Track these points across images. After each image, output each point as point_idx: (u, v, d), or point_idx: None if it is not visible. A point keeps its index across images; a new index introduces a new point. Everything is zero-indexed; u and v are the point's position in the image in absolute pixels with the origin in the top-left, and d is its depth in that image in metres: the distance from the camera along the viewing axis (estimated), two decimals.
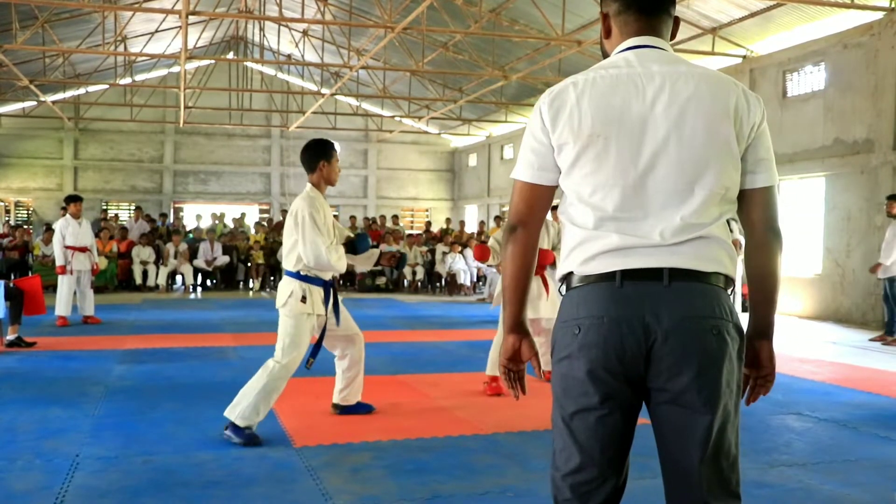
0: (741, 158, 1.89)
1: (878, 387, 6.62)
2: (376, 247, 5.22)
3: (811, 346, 9.25)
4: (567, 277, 1.93)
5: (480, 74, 17.43)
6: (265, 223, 20.19)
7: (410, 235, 19.43)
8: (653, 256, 1.82)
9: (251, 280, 16.90)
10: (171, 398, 5.70)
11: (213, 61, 22.47)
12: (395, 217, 21.25)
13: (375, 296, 16.09)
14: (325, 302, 4.79)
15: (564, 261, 1.93)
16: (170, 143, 25.57)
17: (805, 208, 13.34)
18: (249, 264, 16.87)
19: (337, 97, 22.75)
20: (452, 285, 16.80)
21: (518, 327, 1.97)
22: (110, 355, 7.61)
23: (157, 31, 18.80)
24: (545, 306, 6.33)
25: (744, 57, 14.17)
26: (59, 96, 22.34)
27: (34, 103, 21.55)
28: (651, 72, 1.87)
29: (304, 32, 19.52)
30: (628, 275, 1.81)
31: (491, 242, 6.49)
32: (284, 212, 22.13)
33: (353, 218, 21.17)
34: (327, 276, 4.80)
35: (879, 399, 6.14)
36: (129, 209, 23.87)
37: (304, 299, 4.67)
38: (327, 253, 4.58)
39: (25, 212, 24.50)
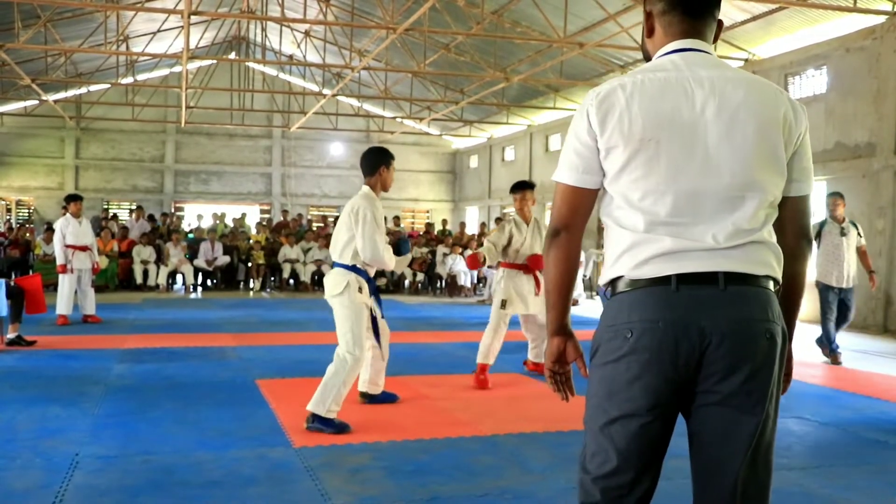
0: (787, 167, 1.91)
1: (878, 391, 6.61)
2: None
3: (812, 350, 9.24)
4: (614, 282, 1.90)
5: (482, 76, 17.44)
6: (266, 223, 20.20)
7: (412, 237, 19.43)
8: (707, 260, 1.81)
9: (252, 280, 16.90)
10: (171, 398, 5.69)
11: (214, 61, 22.49)
12: (397, 218, 21.26)
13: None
14: (372, 295, 5.14)
15: (613, 265, 1.90)
16: (171, 142, 25.59)
17: None
18: (250, 264, 16.87)
19: (338, 98, 22.75)
20: (452, 287, 16.80)
21: (563, 330, 1.97)
22: (110, 354, 7.61)
23: (159, 31, 18.82)
24: (536, 303, 6.63)
25: (746, 60, 14.17)
26: (61, 95, 22.35)
27: (36, 102, 21.56)
28: (699, 76, 1.86)
29: (306, 33, 19.54)
30: (683, 279, 1.81)
31: (486, 245, 6.64)
32: (285, 212, 22.16)
33: None
34: (372, 273, 5.10)
35: (880, 403, 6.13)
36: (130, 208, 23.87)
37: (360, 290, 4.96)
38: (384, 250, 4.90)
39: (27, 211, 24.51)
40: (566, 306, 1.96)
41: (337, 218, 23.73)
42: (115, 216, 19.99)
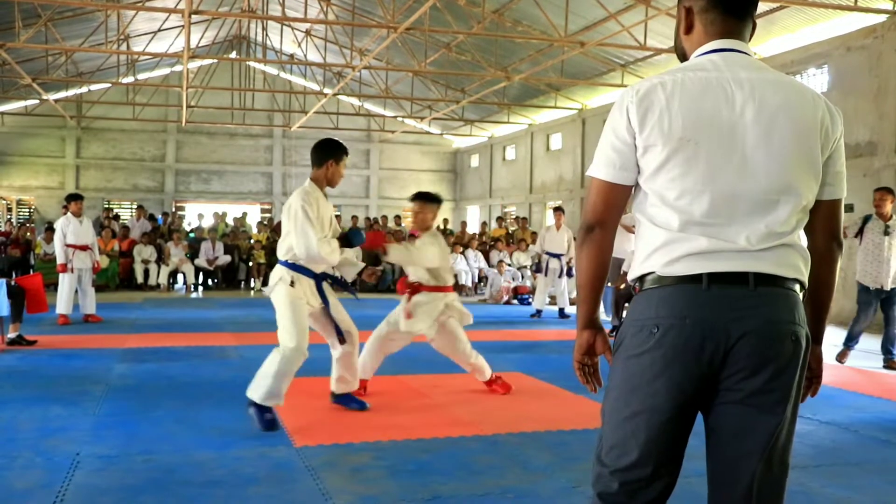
0: (822, 171, 1.93)
1: (880, 390, 6.61)
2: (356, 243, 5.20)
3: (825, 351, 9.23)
4: (643, 277, 1.92)
5: (483, 75, 17.44)
6: (266, 222, 20.19)
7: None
8: (739, 261, 1.82)
9: (252, 279, 16.90)
10: (172, 397, 5.70)
11: (215, 60, 22.50)
12: (398, 217, 21.26)
13: (377, 296, 16.07)
14: (320, 294, 4.94)
15: (644, 261, 1.91)
16: (172, 142, 25.60)
17: None
18: (251, 264, 16.87)
19: (339, 97, 22.75)
20: (454, 286, 16.79)
21: (593, 323, 2.00)
22: (111, 354, 7.61)
23: (159, 30, 18.83)
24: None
25: None
26: (62, 95, 22.35)
27: (37, 101, 21.57)
28: (739, 78, 1.87)
29: (307, 32, 19.53)
30: (714, 278, 1.82)
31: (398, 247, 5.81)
32: None
33: (354, 218, 21.19)
34: (318, 269, 4.91)
35: (881, 402, 6.13)
36: (131, 208, 23.87)
37: (292, 283, 4.80)
38: (318, 245, 4.68)
39: (27, 210, 24.51)
40: (597, 301, 1.99)
41: (338, 217, 23.81)
42: (116, 216, 20.00)
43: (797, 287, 1.90)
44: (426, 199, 5.86)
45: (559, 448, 4.54)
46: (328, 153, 4.99)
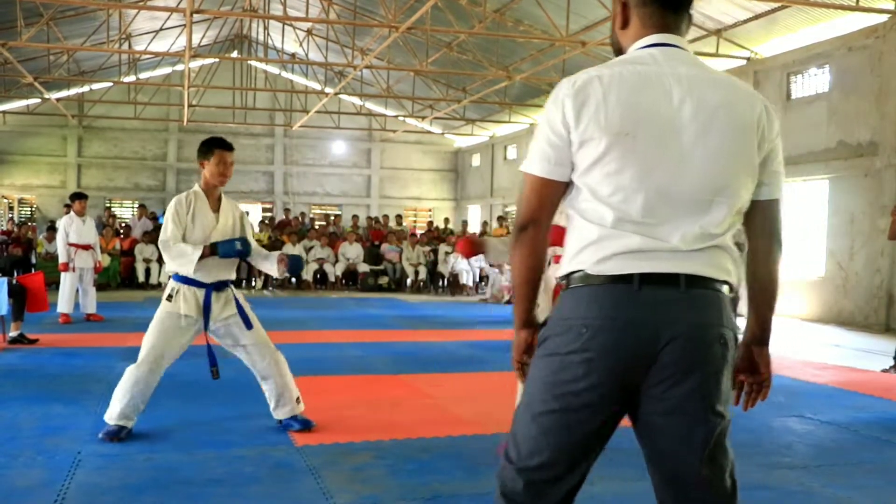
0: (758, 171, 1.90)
1: (880, 390, 6.61)
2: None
3: (813, 349, 9.23)
4: (572, 275, 1.86)
5: (484, 75, 17.44)
6: (268, 221, 20.20)
7: (413, 235, 19.43)
8: (671, 261, 1.79)
9: (253, 279, 16.92)
10: (173, 396, 5.70)
11: (217, 60, 22.50)
12: (399, 217, 21.26)
13: (378, 295, 16.10)
14: (206, 306, 4.59)
15: (574, 258, 1.86)
16: (173, 141, 25.61)
17: (808, 211, 13.32)
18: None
19: (340, 96, 22.75)
20: (455, 285, 16.80)
21: (530, 322, 1.97)
22: (112, 353, 7.61)
23: (161, 29, 18.83)
24: None
25: (748, 59, 14.16)
26: (64, 94, 22.36)
27: (38, 100, 21.58)
28: (678, 73, 1.83)
29: (309, 31, 19.53)
30: (646, 278, 1.78)
31: (493, 242, 5.98)
32: (287, 210, 22.18)
33: (355, 217, 21.21)
34: (208, 279, 4.60)
35: (881, 402, 6.13)
36: (133, 207, 23.90)
37: (169, 297, 4.59)
38: (174, 252, 4.51)
39: (29, 209, 24.53)
40: (533, 300, 1.95)
41: (338, 216, 23.75)
42: (113, 215, 20.05)
43: (726, 289, 1.87)
44: None
45: None
46: (198, 153, 4.69)
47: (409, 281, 17.50)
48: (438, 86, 21.60)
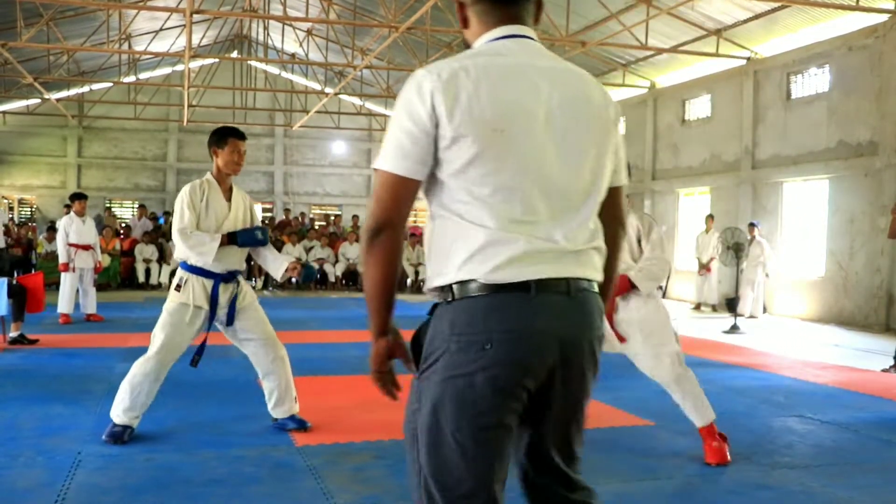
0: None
1: (880, 390, 6.61)
2: (262, 242, 4.74)
3: (813, 349, 9.23)
4: (462, 284, 1.71)
5: None
6: (268, 221, 20.20)
7: (413, 235, 19.42)
8: (559, 265, 1.73)
9: (254, 278, 16.91)
10: (173, 396, 5.69)
11: (217, 60, 22.49)
12: None
13: None
14: (213, 297, 4.52)
15: (462, 266, 1.71)
16: (173, 141, 25.59)
17: (808, 210, 13.32)
18: (252, 262, 16.87)
19: (340, 96, 22.74)
20: None
21: (387, 331, 1.84)
22: (112, 353, 7.61)
23: (161, 30, 18.82)
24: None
25: (748, 59, 14.16)
26: (64, 94, 22.36)
27: (38, 101, 21.58)
28: (540, 66, 1.77)
29: (309, 32, 19.53)
30: (541, 285, 1.69)
31: None
32: (287, 210, 22.18)
33: (355, 217, 21.17)
34: (219, 269, 4.52)
35: (882, 402, 6.12)
36: (133, 207, 23.90)
37: (178, 287, 4.51)
38: (192, 241, 4.42)
39: (29, 209, 24.53)
40: (391, 308, 1.81)
41: (338, 216, 23.73)
42: (113, 214, 20.06)
43: (598, 289, 1.85)
44: None
45: None
46: (210, 142, 4.64)
47: (409, 281, 17.49)
48: None
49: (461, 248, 1.71)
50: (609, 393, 6.11)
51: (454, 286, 1.73)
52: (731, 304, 11.63)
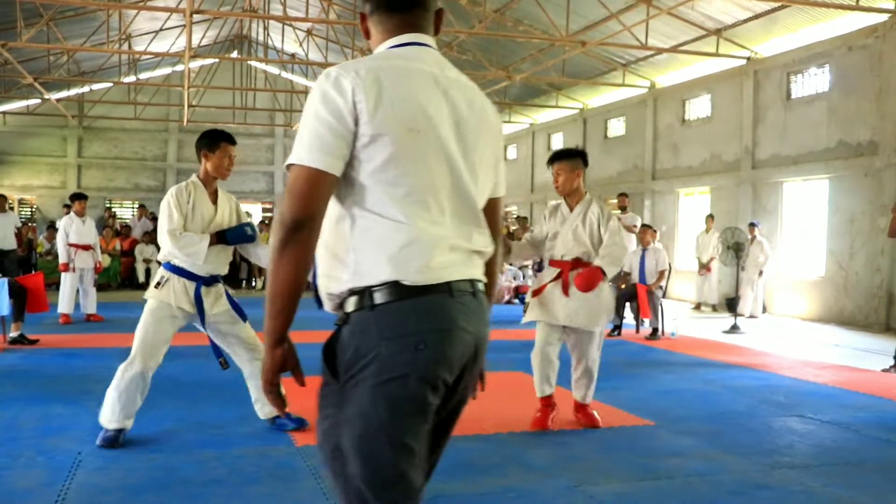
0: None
1: (881, 390, 6.60)
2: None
3: (813, 349, 9.23)
4: (385, 287, 1.69)
5: (484, 74, 17.42)
6: (268, 221, 20.20)
7: None
8: (466, 266, 1.79)
9: (254, 279, 16.92)
10: (174, 396, 5.70)
11: (217, 60, 22.50)
12: None
13: None
14: (197, 300, 4.49)
15: (383, 267, 1.69)
16: (173, 141, 25.62)
17: (808, 210, 13.32)
18: (252, 263, 16.88)
19: None
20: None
21: (286, 339, 1.76)
22: (113, 353, 7.59)
23: (161, 30, 18.83)
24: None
25: (748, 59, 14.16)
26: (64, 94, 22.37)
27: (38, 101, 21.59)
28: (447, 76, 1.84)
29: (309, 32, 19.54)
30: (456, 286, 1.75)
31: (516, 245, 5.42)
32: None
33: None
34: (202, 272, 4.50)
35: (882, 402, 6.12)
36: (133, 207, 23.90)
37: (158, 285, 4.47)
38: (180, 241, 4.39)
39: (29, 209, 24.54)
40: (294, 313, 1.73)
41: None
42: (113, 214, 20.05)
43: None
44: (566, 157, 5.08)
45: (560, 447, 4.54)
46: (199, 145, 4.71)
47: None
48: None
49: (381, 248, 1.69)
50: (609, 393, 6.12)
51: (374, 290, 1.69)
52: (731, 304, 11.63)
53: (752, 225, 12.88)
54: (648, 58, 15.71)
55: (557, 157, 5.10)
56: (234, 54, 24.21)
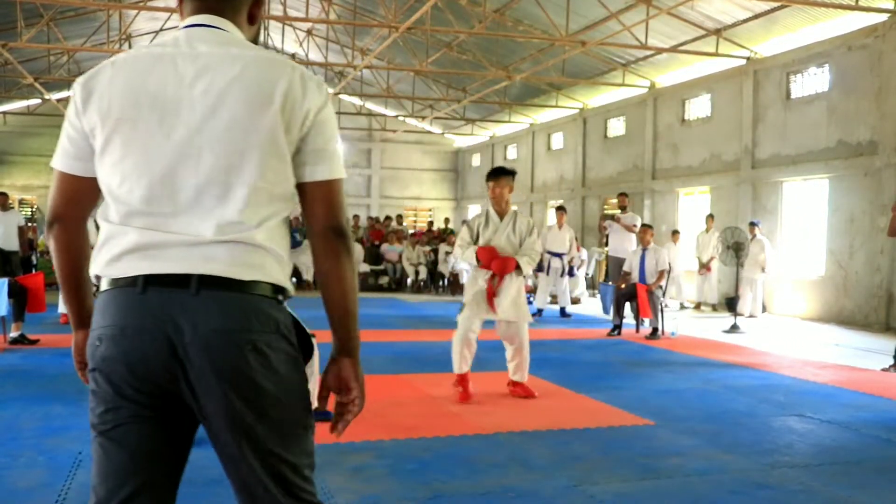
0: (297, 150, 1.71)
1: (880, 389, 6.61)
2: None
3: (813, 348, 9.23)
4: (97, 279, 1.73)
5: (484, 74, 17.44)
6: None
7: (413, 234, 19.44)
8: (182, 261, 1.63)
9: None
10: None
11: None
12: (399, 217, 21.26)
13: (378, 295, 16.10)
14: None
15: (92, 262, 1.73)
16: None
17: (808, 210, 13.32)
18: None
19: (341, 96, 22.77)
20: (455, 285, 16.79)
21: (83, 323, 1.82)
22: None
23: (161, 30, 18.84)
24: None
25: (748, 58, 14.16)
26: (64, 94, 22.37)
27: (38, 101, 21.61)
28: (196, 52, 1.70)
29: (309, 32, 19.54)
30: (152, 280, 1.62)
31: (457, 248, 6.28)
32: None
33: (356, 217, 21.19)
34: None
35: (882, 401, 6.13)
36: None
37: None
38: None
39: (29, 210, 24.54)
40: (82, 300, 1.84)
41: None
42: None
43: (266, 290, 1.68)
44: (502, 174, 5.97)
45: (560, 447, 4.54)
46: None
47: (409, 281, 17.51)
48: (438, 86, 21.60)
49: (98, 242, 1.73)
50: (609, 393, 6.12)
51: (96, 284, 1.77)
52: (731, 304, 11.63)
53: (752, 224, 12.89)
54: (648, 58, 15.71)
55: (496, 174, 5.98)
56: None
